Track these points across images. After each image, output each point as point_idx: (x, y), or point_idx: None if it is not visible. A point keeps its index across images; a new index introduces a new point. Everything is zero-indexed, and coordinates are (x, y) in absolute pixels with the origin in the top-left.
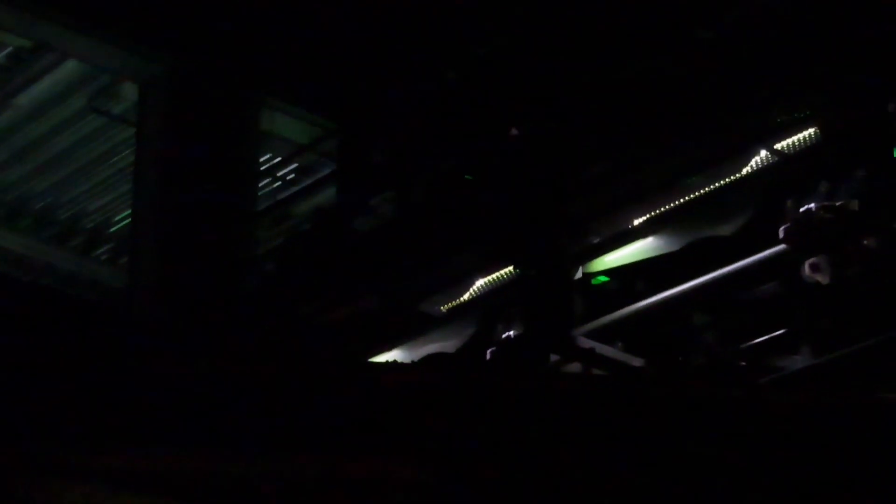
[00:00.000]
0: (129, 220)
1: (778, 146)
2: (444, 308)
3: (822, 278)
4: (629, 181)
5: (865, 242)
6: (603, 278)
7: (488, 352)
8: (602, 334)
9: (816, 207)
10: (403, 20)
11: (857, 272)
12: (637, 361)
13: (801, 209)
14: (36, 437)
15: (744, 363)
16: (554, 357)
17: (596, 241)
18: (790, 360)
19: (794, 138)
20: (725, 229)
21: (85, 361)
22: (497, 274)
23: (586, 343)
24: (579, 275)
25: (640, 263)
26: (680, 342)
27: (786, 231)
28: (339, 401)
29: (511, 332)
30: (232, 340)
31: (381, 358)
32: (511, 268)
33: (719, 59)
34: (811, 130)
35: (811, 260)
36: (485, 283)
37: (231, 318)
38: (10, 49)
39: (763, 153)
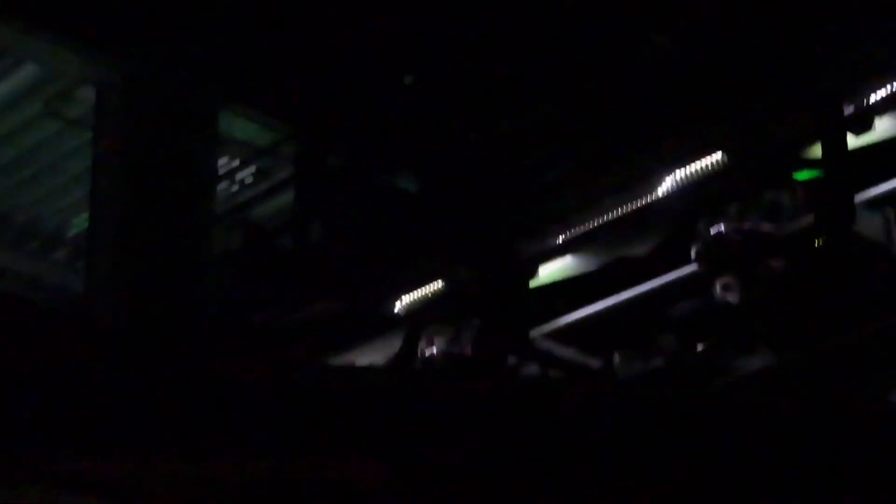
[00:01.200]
0: (87, 223)
1: (690, 169)
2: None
3: (733, 298)
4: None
5: (773, 264)
6: None
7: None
8: (561, 337)
9: (726, 229)
10: (361, 25)
11: (766, 292)
12: (595, 363)
13: (712, 231)
14: None
15: (702, 364)
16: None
17: (555, 244)
18: (747, 361)
19: (707, 161)
20: (640, 250)
21: (42, 365)
22: (423, 290)
23: (544, 345)
24: None
25: (558, 283)
26: (640, 344)
27: (697, 252)
28: (295, 403)
29: (434, 349)
30: (190, 344)
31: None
32: (436, 284)
33: (635, 84)
34: (721, 154)
35: (722, 280)
36: (411, 299)
37: (189, 322)
38: None
39: (676, 175)
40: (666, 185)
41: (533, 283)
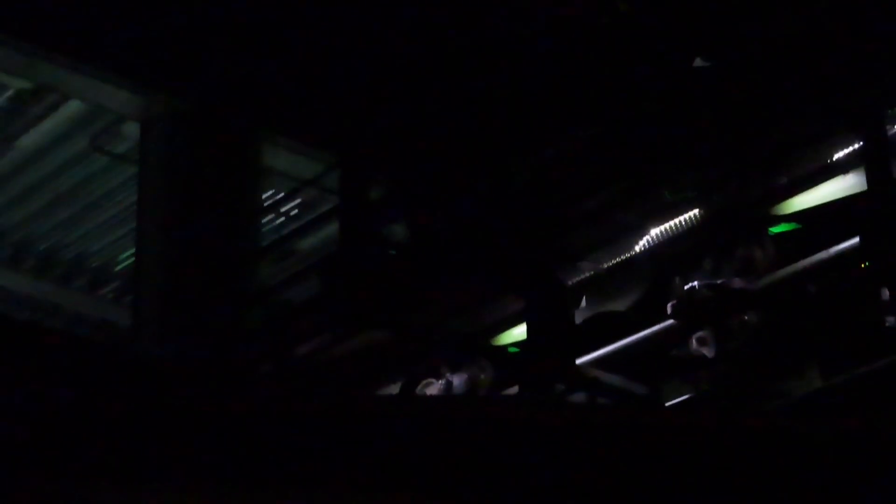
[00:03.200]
0: (133, 258)
1: (666, 225)
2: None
3: (708, 351)
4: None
5: (746, 318)
6: (514, 349)
7: None
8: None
9: (700, 285)
10: (400, 55)
11: (740, 345)
12: (641, 389)
13: (686, 287)
14: (38, 472)
15: (751, 389)
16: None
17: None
18: (795, 385)
19: (681, 218)
20: (620, 305)
21: (90, 399)
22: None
23: (590, 372)
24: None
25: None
26: (686, 369)
27: (672, 307)
28: (336, 436)
29: (430, 389)
30: (236, 377)
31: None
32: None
33: (608, 142)
34: (696, 211)
35: (698, 334)
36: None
37: (235, 356)
38: (11, 91)
39: (653, 232)
40: (645, 239)
41: (522, 337)
